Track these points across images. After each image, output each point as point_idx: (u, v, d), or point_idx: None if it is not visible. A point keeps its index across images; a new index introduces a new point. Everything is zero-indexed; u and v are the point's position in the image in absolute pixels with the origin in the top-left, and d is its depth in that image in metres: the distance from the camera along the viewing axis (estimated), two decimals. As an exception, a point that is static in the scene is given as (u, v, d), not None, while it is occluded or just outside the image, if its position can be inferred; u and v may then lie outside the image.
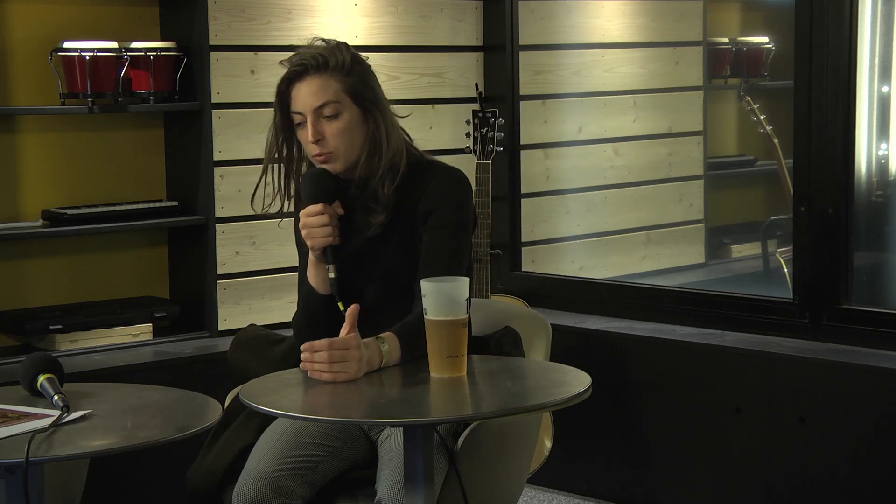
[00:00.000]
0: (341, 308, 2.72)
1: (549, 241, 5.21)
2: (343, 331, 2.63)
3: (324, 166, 2.84)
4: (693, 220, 5.74)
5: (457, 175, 2.90)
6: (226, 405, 2.97)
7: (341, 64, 2.83)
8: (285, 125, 2.86)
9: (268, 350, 3.05)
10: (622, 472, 4.30)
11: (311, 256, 2.85)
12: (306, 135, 2.82)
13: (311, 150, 2.82)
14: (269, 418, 2.81)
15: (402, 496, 2.60)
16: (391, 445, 2.76)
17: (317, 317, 2.85)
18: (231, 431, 2.89)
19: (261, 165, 2.88)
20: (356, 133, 2.83)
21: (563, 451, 4.35)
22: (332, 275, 2.79)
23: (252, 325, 3.21)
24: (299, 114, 2.82)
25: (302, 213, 2.82)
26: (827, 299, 4.00)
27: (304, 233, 2.81)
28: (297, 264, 3.01)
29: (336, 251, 2.81)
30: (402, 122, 2.93)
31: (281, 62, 2.88)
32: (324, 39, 2.89)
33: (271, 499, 2.69)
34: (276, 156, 2.89)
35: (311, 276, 2.85)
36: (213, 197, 4.31)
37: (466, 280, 2.57)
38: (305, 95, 2.81)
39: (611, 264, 5.43)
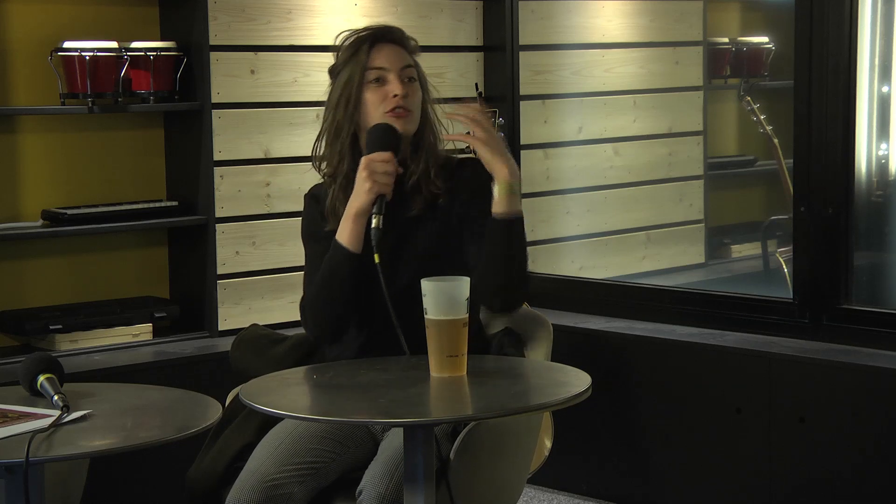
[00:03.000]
0: (377, 260, 2.72)
1: (549, 241, 5.21)
2: None
3: (397, 122, 2.86)
4: (693, 220, 5.74)
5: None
6: (226, 404, 2.97)
7: (415, 46, 2.99)
8: (360, 81, 2.88)
9: (269, 349, 3.06)
10: (622, 472, 4.30)
11: (350, 210, 2.80)
12: (382, 92, 2.86)
13: (390, 104, 2.86)
14: (269, 418, 2.81)
15: (383, 486, 2.61)
16: (387, 444, 2.76)
17: (341, 284, 2.81)
18: (231, 431, 2.89)
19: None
20: (420, 108, 2.93)
21: (563, 451, 4.35)
22: (375, 224, 2.77)
23: (254, 325, 3.21)
24: (380, 69, 2.88)
25: (369, 157, 2.80)
26: (827, 299, 4.00)
27: (364, 174, 2.78)
28: (296, 264, 3.01)
29: (382, 206, 2.80)
30: None
31: (338, 39, 2.94)
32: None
33: None
34: (343, 112, 2.89)
35: (346, 232, 2.81)
36: (213, 197, 4.31)
37: (467, 280, 2.57)
38: (392, 54, 2.90)
39: (611, 264, 5.43)
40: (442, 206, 2.89)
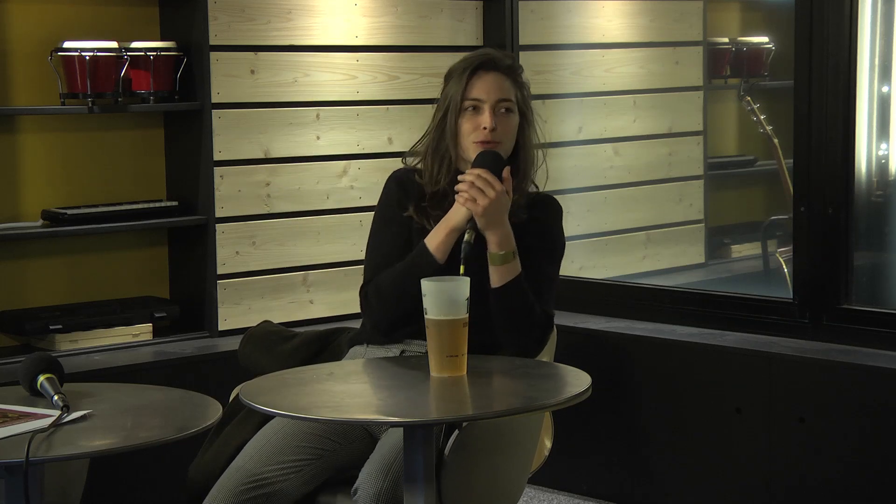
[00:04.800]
0: (462, 272, 2.74)
1: (549, 241, 5.19)
2: None
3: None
4: (693, 220, 5.74)
5: (558, 203, 3.08)
6: (230, 401, 2.98)
7: (521, 75, 3.05)
8: (458, 109, 2.96)
9: (277, 346, 3.07)
10: (622, 472, 4.30)
11: (449, 222, 2.85)
12: (475, 121, 2.94)
13: (479, 135, 2.92)
14: (268, 416, 2.81)
15: (379, 484, 2.62)
16: (383, 441, 2.77)
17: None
18: (231, 427, 2.90)
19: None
20: (514, 137, 2.99)
21: (563, 451, 4.35)
22: (467, 238, 2.82)
23: (266, 321, 3.23)
24: (476, 100, 2.95)
25: (478, 171, 2.83)
26: (827, 299, 4.00)
27: (470, 191, 2.82)
28: (295, 264, 3.01)
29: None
30: None
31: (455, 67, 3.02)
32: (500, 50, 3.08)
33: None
34: (441, 134, 3.00)
35: (438, 242, 2.86)
36: (213, 197, 4.31)
37: (467, 280, 2.58)
38: (491, 86, 2.96)
39: (611, 264, 5.43)
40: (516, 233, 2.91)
